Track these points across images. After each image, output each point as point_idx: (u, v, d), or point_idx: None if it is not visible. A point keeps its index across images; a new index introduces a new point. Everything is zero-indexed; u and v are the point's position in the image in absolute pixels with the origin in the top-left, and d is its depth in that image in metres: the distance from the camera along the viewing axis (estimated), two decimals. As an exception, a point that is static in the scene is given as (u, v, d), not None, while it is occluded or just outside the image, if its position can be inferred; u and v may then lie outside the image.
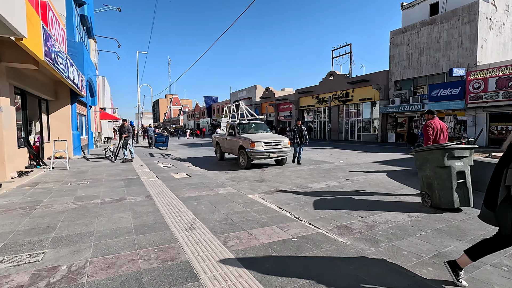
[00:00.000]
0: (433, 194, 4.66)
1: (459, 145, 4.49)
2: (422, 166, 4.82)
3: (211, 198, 5.05)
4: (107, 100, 28.51)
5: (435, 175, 4.56)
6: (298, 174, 8.22)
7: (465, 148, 4.51)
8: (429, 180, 4.69)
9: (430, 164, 4.63)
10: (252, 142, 9.07)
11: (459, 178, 4.47)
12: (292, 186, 6.62)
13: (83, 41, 14.87)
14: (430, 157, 4.62)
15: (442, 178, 4.49)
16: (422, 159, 4.78)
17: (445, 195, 4.49)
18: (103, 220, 3.73)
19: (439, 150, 4.46)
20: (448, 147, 4.42)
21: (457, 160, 4.48)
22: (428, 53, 19.79)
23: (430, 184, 4.69)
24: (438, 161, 4.48)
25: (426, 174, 4.76)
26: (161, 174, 7.72)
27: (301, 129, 10.17)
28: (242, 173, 8.59)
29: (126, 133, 11.50)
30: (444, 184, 4.47)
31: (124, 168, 8.90)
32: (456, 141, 4.82)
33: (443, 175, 4.48)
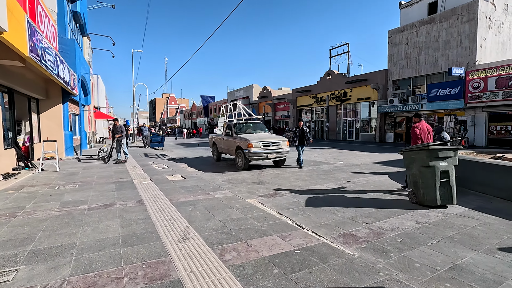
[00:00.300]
0: (418, 192, 4.86)
1: (443, 146, 4.69)
2: (409, 165, 5.02)
3: (207, 203, 4.75)
4: (102, 99, 28.04)
5: (420, 174, 4.76)
6: (297, 175, 7.95)
7: (449, 149, 4.67)
8: (415, 179, 4.90)
9: (416, 163, 4.82)
10: (250, 143, 8.78)
11: (443, 178, 4.67)
12: (292, 188, 6.36)
13: (75, 38, 14.46)
14: (416, 157, 4.83)
15: (426, 177, 4.68)
16: (409, 158, 4.99)
17: (428, 193, 4.68)
18: (89, 229, 3.42)
19: (424, 150, 4.67)
20: (432, 147, 4.61)
21: (441, 160, 4.66)
22: (427, 53, 19.63)
23: (416, 182, 4.89)
24: (423, 161, 4.68)
25: (412, 173, 4.96)
26: (155, 176, 7.41)
27: (303, 130, 9.66)
28: (240, 174, 8.30)
29: (119, 133, 11.14)
30: (428, 182, 4.67)
31: (116, 169, 8.57)
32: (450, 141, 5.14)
33: (427, 174, 4.67)
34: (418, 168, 4.80)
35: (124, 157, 11.25)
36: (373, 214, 4.50)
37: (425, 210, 4.68)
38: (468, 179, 6.12)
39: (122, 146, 11.28)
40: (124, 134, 11.32)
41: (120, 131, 11.12)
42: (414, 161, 4.88)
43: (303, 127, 9.70)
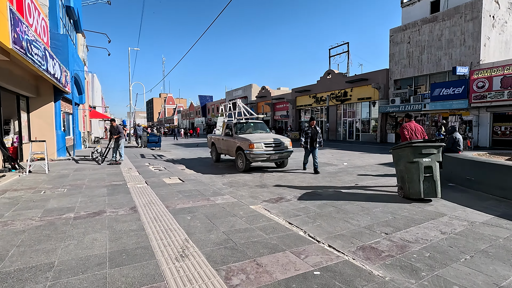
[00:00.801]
0: (404, 186, 5.22)
1: (426, 143, 5.01)
2: (397, 162, 5.39)
3: (207, 210, 4.30)
4: (98, 98, 27.47)
5: (406, 169, 5.11)
6: (301, 178, 7.52)
7: (432, 146, 4.99)
8: (402, 174, 5.25)
9: (403, 160, 5.19)
10: (251, 143, 8.34)
11: (427, 172, 4.96)
12: (297, 192, 5.92)
13: (69, 34, 13.94)
14: (402, 154, 5.20)
15: (411, 172, 5.02)
16: (397, 155, 5.36)
17: (413, 187, 5.01)
18: (71, 244, 2.96)
19: (408, 147, 5.04)
20: (415, 145, 4.96)
21: (425, 156, 4.98)
22: (430, 51, 19.31)
23: (402, 177, 5.24)
24: (408, 157, 5.05)
25: (400, 169, 5.32)
26: (150, 179, 6.94)
27: (316, 131, 8.53)
28: (241, 177, 7.86)
29: (117, 134, 10.68)
30: (413, 177, 5.00)
31: (110, 171, 8.08)
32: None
33: (412, 169, 5.01)
34: (404, 164, 5.16)
35: (118, 158, 10.77)
36: (391, 223, 4.08)
37: (447, 218, 4.27)
38: (485, 182, 5.73)
39: (119, 147, 10.80)
40: (122, 135, 10.84)
41: (118, 132, 10.65)
42: (400, 158, 5.26)
43: (315, 127, 8.64)
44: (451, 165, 6.93)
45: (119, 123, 13.76)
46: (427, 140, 5.26)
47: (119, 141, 10.76)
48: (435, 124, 17.28)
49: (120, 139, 10.74)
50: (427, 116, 18.19)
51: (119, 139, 10.72)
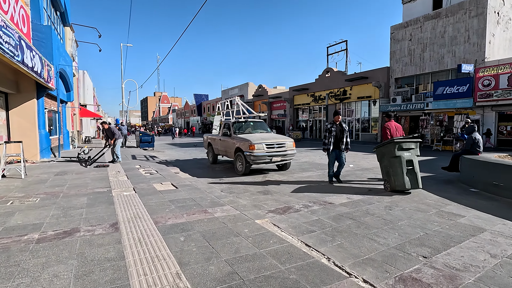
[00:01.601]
0: (390, 180, 5.62)
1: (406, 139, 5.47)
2: (381, 159, 5.81)
3: (205, 227, 3.57)
4: (89, 96, 26.44)
5: (390, 164, 5.55)
6: (307, 182, 6.82)
7: (411, 142, 5.51)
8: (387, 169, 5.65)
9: (386, 156, 5.61)
10: (252, 144, 7.63)
11: (408, 165, 5.45)
12: (306, 200, 5.23)
13: (55, 27, 13.03)
14: (385, 150, 5.62)
15: (395, 166, 5.47)
16: (380, 153, 5.80)
17: (398, 180, 5.46)
18: (22, 284, 2.21)
19: (391, 143, 5.48)
20: (397, 141, 5.40)
21: (406, 151, 5.49)
22: (432, 49, 18.79)
23: (387, 172, 5.65)
24: (391, 153, 5.49)
25: (384, 164, 5.73)
26: (140, 184, 6.17)
27: (341, 129, 6.56)
28: (241, 181, 7.14)
29: (114, 135, 9.93)
30: (397, 170, 5.46)
31: (95, 176, 7.28)
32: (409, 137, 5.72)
33: (395, 163, 5.47)
34: (388, 160, 5.59)
35: (114, 158, 10.00)
36: (424, 240, 3.41)
37: (489, 234, 3.61)
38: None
39: (116, 148, 10.04)
40: (118, 136, 10.09)
41: (112, 134, 9.94)
42: (384, 154, 5.69)
43: (341, 123, 6.61)
44: (472, 168, 6.29)
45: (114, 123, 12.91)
46: (407, 136, 5.68)
47: (116, 143, 10.02)
48: (439, 123, 16.74)
49: (118, 140, 10.03)
50: (431, 115, 17.65)
51: (118, 140, 10.00)
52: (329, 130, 6.58)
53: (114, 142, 9.94)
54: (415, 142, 5.58)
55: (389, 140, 5.56)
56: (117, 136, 9.93)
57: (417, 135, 5.85)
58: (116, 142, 9.98)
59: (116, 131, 10.11)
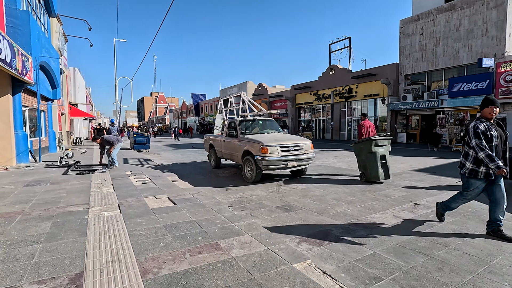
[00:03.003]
0: (366, 172, 6.44)
1: (381, 137, 6.33)
2: (359, 153, 6.57)
3: (219, 280, 2.31)
4: (81, 94, 25.04)
5: (367, 159, 6.37)
6: (334, 194, 5.59)
7: (385, 139, 6.41)
8: (364, 163, 6.46)
9: (364, 151, 6.42)
10: (264, 147, 6.38)
11: (382, 160, 6.34)
12: (343, 220, 4.02)
13: (37, 16, 11.69)
14: (363, 146, 6.44)
15: (371, 160, 6.31)
16: (359, 148, 6.58)
17: (373, 172, 6.31)
18: None
19: (368, 141, 6.32)
20: (373, 139, 6.25)
21: (380, 147, 6.37)
22: (446, 43, 17.66)
23: (365, 165, 6.47)
24: (368, 149, 6.31)
25: (362, 159, 6.52)
26: (128, 199, 4.89)
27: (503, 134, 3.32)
28: (251, 191, 5.90)
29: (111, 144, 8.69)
30: (373, 164, 6.30)
31: (74, 186, 5.98)
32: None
33: (371, 158, 6.30)
34: (366, 155, 6.34)
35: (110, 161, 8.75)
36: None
37: None
38: None
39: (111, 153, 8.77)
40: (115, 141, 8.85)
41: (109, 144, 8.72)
42: (362, 150, 6.45)
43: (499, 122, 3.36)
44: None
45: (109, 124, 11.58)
46: (381, 135, 6.59)
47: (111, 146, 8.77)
48: (459, 122, 15.60)
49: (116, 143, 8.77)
50: (450, 114, 16.48)
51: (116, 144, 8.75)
52: (485, 133, 3.21)
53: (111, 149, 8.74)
54: (388, 139, 6.51)
55: (367, 138, 6.40)
56: (114, 146, 8.70)
57: (389, 133, 7.04)
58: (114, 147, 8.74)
59: (113, 138, 8.85)
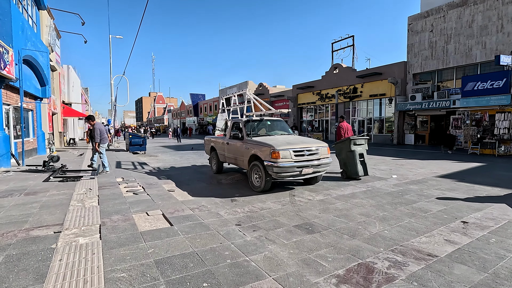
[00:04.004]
0: (347, 169, 7.19)
1: (359, 137, 7.08)
2: (340, 152, 7.38)
3: None
4: (76, 93, 24.10)
5: (347, 157, 7.13)
6: (360, 207, 4.73)
7: (361, 139, 7.18)
8: (344, 161, 7.23)
9: (344, 150, 7.21)
10: (275, 151, 5.51)
11: (360, 157, 7.06)
12: (385, 247, 3.16)
13: (24, 8, 10.78)
14: (343, 146, 7.24)
15: (350, 158, 7.05)
16: (339, 148, 7.41)
17: (353, 169, 7.01)
18: None
19: (347, 140, 7.08)
20: (352, 138, 6.99)
21: (358, 146, 7.11)
22: (457, 40, 16.86)
23: (345, 163, 7.22)
24: (348, 148, 7.07)
25: (342, 157, 7.31)
26: (113, 217, 3.99)
27: None
28: (261, 203, 5.03)
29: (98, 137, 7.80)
30: (352, 162, 7.01)
31: (52, 198, 5.08)
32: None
33: (351, 156, 7.03)
34: (346, 153, 7.16)
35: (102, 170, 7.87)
36: None
37: None
38: None
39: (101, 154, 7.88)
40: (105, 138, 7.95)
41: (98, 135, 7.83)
42: (342, 149, 7.28)
43: None
44: None
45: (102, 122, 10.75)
46: (358, 135, 7.44)
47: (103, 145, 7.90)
48: (476, 123, 14.77)
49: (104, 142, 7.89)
50: (466, 114, 15.62)
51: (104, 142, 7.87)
52: None
53: (98, 146, 7.82)
54: (365, 139, 7.21)
55: (347, 138, 7.06)
56: (97, 140, 7.76)
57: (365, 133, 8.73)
58: (100, 146, 7.83)
59: (103, 131, 7.93)
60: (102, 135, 7.85)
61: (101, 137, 7.81)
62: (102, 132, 7.86)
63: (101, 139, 7.82)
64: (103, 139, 7.85)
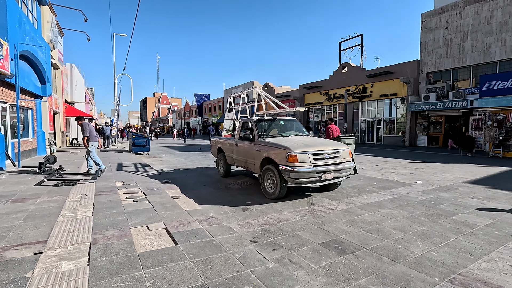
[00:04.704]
0: None
1: (346, 136, 7.26)
2: None
3: None
4: (79, 93, 23.74)
5: None
6: (390, 219, 4.08)
7: (350, 138, 7.32)
8: None
9: None
10: (293, 154, 4.89)
11: None
12: (441, 277, 2.52)
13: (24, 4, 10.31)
14: None
15: None
16: None
17: None
18: None
19: (338, 138, 7.18)
20: (342, 137, 7.17)
21: (347, 145, 6.66)
22: (475, 38, 16.08)
23: None
24: None
25: None
26: (107, 233, 3.41)
27: None
28: (277, 213, 4.42)
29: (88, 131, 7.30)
30: None
31: (41, 207, 4.52)
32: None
33: None
34: None
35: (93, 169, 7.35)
36: None
37: None
38: None
39: (91, 153, 7.37)
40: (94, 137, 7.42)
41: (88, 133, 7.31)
42: None
43: None
44: None
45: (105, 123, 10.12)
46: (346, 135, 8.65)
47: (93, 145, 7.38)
48: (497, 124, 13.99)
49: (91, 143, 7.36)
50: (487, 115, 14.84)
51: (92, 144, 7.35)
52: None
53: (87, 142, 7.31)
54: (352, 138, 7.43)
55: (336, 136, 7.38)
56: (87, 133, 7.27)
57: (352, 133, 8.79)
58: (90, 145, 7.31)
59: (93, 131, 7.41)
60: (92, 133, 7.37)
61: (91, 135, 7.34)
62: (91, 130, 7.39)
63: (91, 137, 7.34)
64: (92, 138, 7.38)
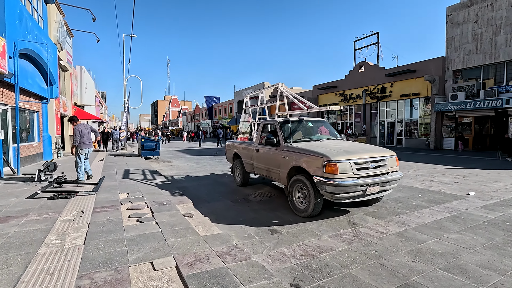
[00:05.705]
0: None
1: None
2: None
3: None
4: (89, 96, 23.38)
5: None
6: (466, 249, 3.07)
7: None
8: None
9: None
10: (332, 162, 3.95)
11: None
12: None
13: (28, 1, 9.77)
14: None
15: None
16: None
17: None
18: None
19: None
20: None
21: None
22: (509, 31, 14.73)
23: None
24: None
25: None
26: (96, 277, 2.55)
27: None
28: (315, 238, 3.49)
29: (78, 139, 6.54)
30: None
31: (24, 229, 3.72)
32: None
33: None
34: None
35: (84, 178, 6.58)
36: None
37: None
38: None
39: (82, 159, 6.61)
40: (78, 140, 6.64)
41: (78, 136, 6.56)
42: None
43: None
44: None
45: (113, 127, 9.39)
46: None
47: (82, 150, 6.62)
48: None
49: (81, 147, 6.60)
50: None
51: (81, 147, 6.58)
52: None
53: (76, 151, 6.56)
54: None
55: None
56: (76, 142, 6.50)
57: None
58: (79, 151, 6.55)
59: (85, 134, 6.65)
60: (83, 138, 6.56)
61: (82, 140, 6.54)
62: (83, 134, 6.57)
63: (81, 143, 6.54)
64: (83, 144, 6.57)
